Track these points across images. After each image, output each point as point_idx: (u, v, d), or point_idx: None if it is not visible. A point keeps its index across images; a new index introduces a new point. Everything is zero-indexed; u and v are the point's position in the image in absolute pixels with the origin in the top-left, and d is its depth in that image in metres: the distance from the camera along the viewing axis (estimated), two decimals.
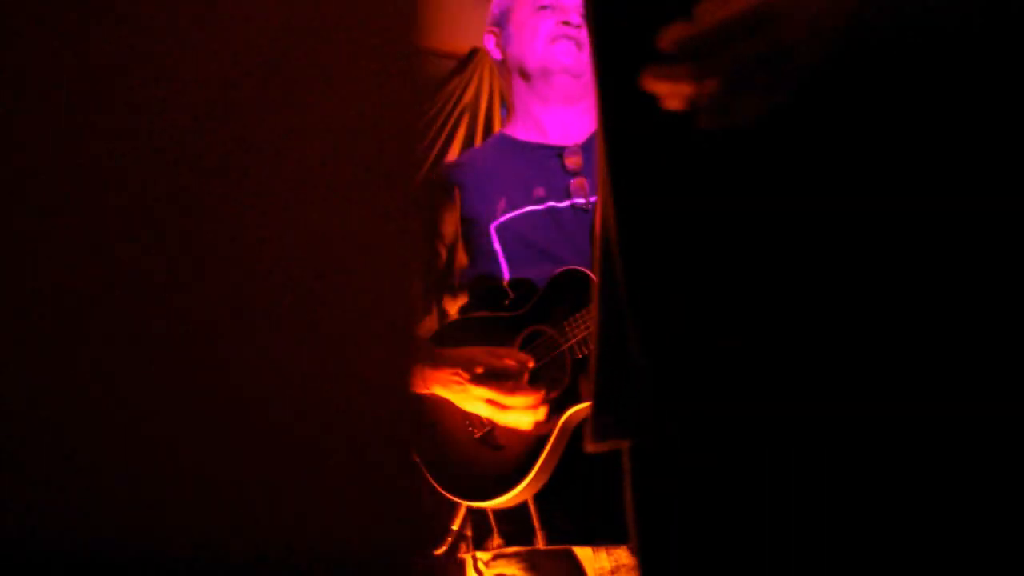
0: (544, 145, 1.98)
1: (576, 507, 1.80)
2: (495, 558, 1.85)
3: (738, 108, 0.79)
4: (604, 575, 1.81)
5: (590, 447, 0.96)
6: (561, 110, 1.98)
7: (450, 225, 1.96)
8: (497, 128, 4.10)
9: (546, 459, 1.78)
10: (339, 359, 0.52)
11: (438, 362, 1.83)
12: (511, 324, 1.87)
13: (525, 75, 1.99)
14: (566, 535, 1.81)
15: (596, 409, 0.95)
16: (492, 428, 1.83)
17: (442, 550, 1.95)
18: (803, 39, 0.77)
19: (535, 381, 1.81)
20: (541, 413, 1.77)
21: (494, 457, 1.82)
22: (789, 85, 0.79)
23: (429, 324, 2.02)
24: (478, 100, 3.94)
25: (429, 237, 1.96)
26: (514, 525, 1.84)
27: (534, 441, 1.79)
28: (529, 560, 1.83)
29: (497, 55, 2.03)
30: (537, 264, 1.88)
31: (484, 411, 1.80)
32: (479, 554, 1.88)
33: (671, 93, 0.80)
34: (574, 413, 1.77)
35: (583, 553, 1.84)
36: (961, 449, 0.78)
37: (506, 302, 1.89)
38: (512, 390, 1.77)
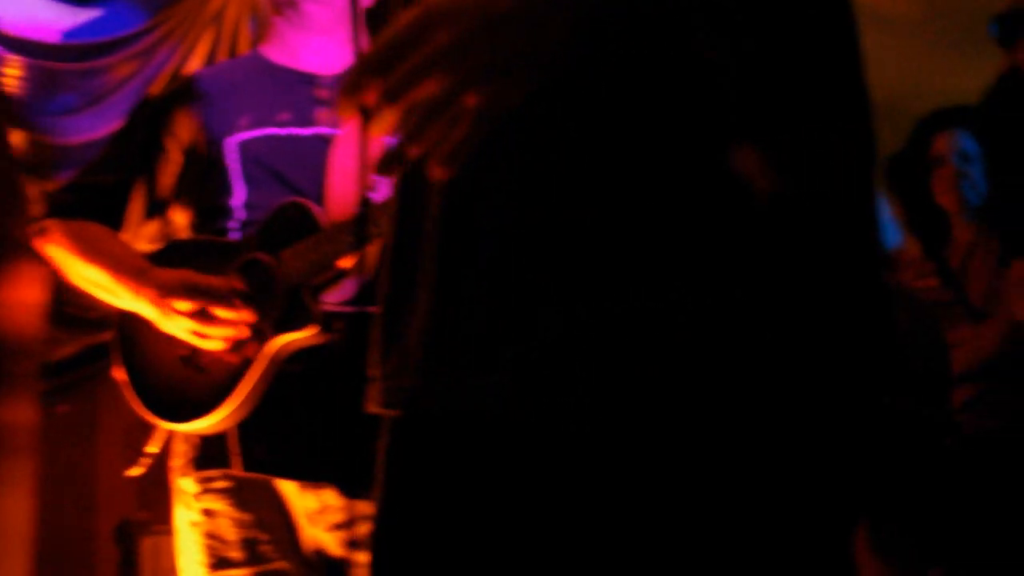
0: (296, 71, 1.97)
1: (275, 438, 1.80)
2: (203, 492, 1.83)
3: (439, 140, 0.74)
4: (312, 515, 1.82)
5: (371, 409, 0.94)
6: (315, 39, 1.97)
7: (186, 131, 1.92)
8: (243, 44, 3.98)
9: (248, 387, 1.77)
10: None
11: (142, 279, 1.79)
12: (229, 250, 1.85)
13: (276, 5, 1.99)
14: (261, 464, 1.80)
15: (387, 375, 0.92)
16: (197, 349, 1.81)
17: (137, 471, 1.92)
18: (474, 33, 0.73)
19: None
20: (243, 332, 1.76)
21: (196, 380, 1.80)
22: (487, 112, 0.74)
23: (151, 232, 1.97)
24: (223, 13, 3.80)
25: (164, 139, 1.92)
26: (210, 448, 1.82)
27: (237, 367, 1.78)
28: (238, 496, 1.81)
29: None
30: (273, 189, 1.86)
31: (183, 328, 1.77)
32: (184, 484, 1.86)
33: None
34: (283, 345, 1.78)
35: (288, 489, 1.83)
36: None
37: (230, 224, 1.87)
38: (213, 306, 1.75)
